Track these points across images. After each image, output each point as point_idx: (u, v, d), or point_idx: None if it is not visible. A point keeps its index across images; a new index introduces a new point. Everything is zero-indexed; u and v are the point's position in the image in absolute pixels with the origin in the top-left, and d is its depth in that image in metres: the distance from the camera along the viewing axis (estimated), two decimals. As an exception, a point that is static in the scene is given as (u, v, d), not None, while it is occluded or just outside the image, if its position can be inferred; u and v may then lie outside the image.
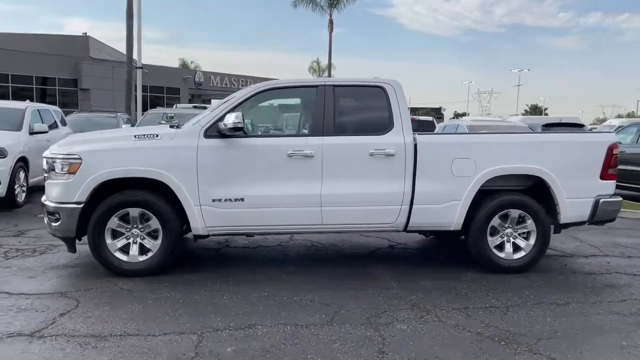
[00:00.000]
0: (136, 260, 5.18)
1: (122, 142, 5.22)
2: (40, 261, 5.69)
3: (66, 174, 5.07)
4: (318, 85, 5.48)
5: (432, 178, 5.39)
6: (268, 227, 5.39)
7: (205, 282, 5.02)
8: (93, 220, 5.08)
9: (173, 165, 5.12)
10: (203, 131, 5.22)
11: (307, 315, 4.20)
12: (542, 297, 4.83)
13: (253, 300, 4.56)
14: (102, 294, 4.64)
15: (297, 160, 5.24)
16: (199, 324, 3.97)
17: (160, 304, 4.41)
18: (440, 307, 4.48)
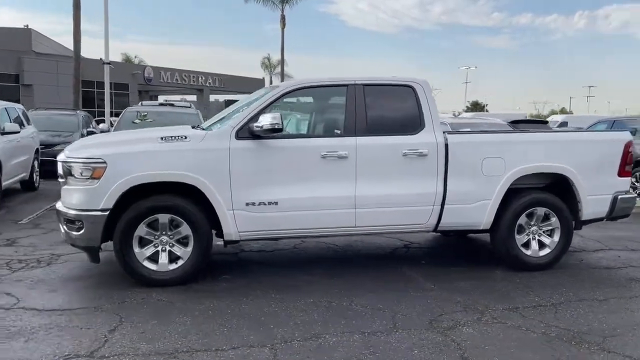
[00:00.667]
0: (166, 269, 4.91)
1: (149, 145, 4.93)
2: (52, 273, 5.31)
3: (89, 179, 4.74)
4: (348, 84, 5.35)
5: (463, 178, 5.38)
6: (302, 231, 5.23)
7: (242, 290, 4.81)
8: (120, 228, 4.78)
9: (205, 169, 4.88)
10: (234, 132, 5.00)
11: (366, 322, 4.09)
12: (579, 294, 4.91)
13: (303, 307, 4.40)
14: (142, 307, 4.36)
15: (330, 161, 5.11)
16: (263, 336, 3.79)
17: (210, 316, 4.18)
18: (491, 308, 4.47)
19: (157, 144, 4.92)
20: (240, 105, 6.17)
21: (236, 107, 6.32)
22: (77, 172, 4.81)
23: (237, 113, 5.88)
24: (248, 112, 5.09)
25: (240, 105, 6.17)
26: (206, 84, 45.70)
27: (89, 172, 4.74)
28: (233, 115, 5.83)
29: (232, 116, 5.85)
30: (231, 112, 6.12)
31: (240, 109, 5.99)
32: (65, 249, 6.03)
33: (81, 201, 4.78)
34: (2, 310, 4.22)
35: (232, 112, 6.08)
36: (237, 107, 6.32)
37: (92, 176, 4.73)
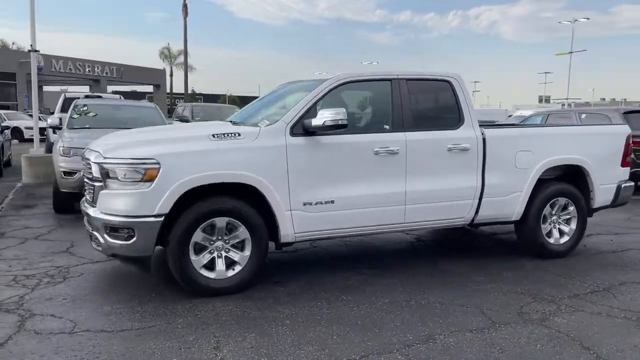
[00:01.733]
0: (224, 276, 4.56)
1: (202, 143, 4.52)
2: (79, 288, 4.73)
3: (140, 182, 4.27)
4: (392, 78, 5.27)
5: (499, 171, 5.51)
6: (356, 229, 5.09)
7: (306, 294, 4.60)
8: (177, 234, 4.36)
9: (264, 168, 4.59)
10: (289, 129, 4.74)
11: (463, 319, 4.07)
12: (616, 277, 5.23)
13: (387, 308, 4.29)
14: (220, 319, 4.01)
15: (382, 157, 5.01)
16: (379, 341, 3.64)
17: (302, 324, 3.94)
18: (557, 297, 4.63)
19: (210, 142, 4.53)
20: (268, 100, 5.89)
21: (261, 102, 6.04)
22: (121, 174, 4.31)
23: (269, 108, 5.63)
24: (300, 108, 4.84)
25: (268, 100, 5.89)
26: (103, 74, 42.97)
27: (139, 174, 4.27)
28: (265, 111, 5.57)
29: (263, 112, 5.58)
30: (259, 107, 5.84)
31: (271, 104, 5.74)
32: (66, 261, 5.52)
33: (131, 207, 4.29)
34: (68, 336, 3.69)
35: (261, 107, 5.81)
36: (262, 102, 6.03)
37: (143, 178, 4.26)
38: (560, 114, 14.03)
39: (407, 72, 5.38)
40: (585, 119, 11.08)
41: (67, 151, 7.96)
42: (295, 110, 4.83)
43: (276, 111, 5.33)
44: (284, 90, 5.91)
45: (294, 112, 4.82)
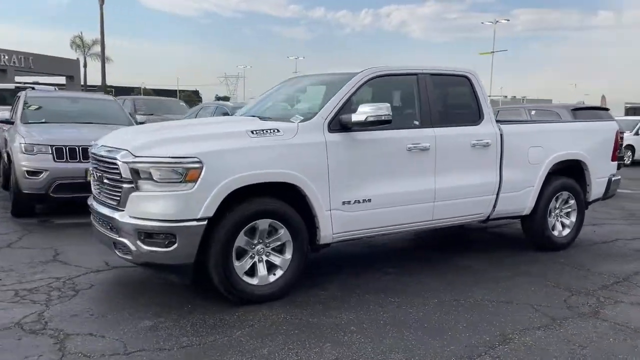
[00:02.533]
0: (267, 282, 4.28)
1: (243, 140, 4.19)
2: (100, 301, 4.28)
3: (180, 183, 3.89)
4: (417, 72, 5.18)
5: (514, 166, 5.59)
6: (389, 228, 4.95)
7: (350, 298, 4.41)
8: (220, 239, 4.02)
9: (305, 166, 4.34)
10: (326, 124, 4.52)
11: (521, 317, 4.04)
12: (629, 267, 5.45)
13: (439, 308, 4.19)
14: (284, 329, 3.74)
15: (415, 153, 4.92)
16: (457, 346, 3.52)
17: (372, 331, 3.75)
18: (590, 289, 4.73)
19: (250, 138, 4.22)
20: (282, 93, 5.61)
21: (274, 96, 5.74)
22: (157, 174, 3.91)
23: (289, 102, 5.38)
24: (336, 103, 4.62)
25: (282, 93, 5.61)
26: (10, 63, 39.72)
27: (179, 174, 3.89)
28: (286, 105, 5.31)
29: (284, 106, 5.32)
30: (273, 101, 5.56)
31: (289, 98, 5.48)
32: (64, 271, 5.04)
33: (172, 210, 3.90)
34: (126, 357, 3.28)
35: (277, 101, 5.53)
36: (274, 96, 5.74)
37: (185, 179, 3.89)
38: (510, 110, 14.56)
39: (428, 66, 5.30)
40: (534, 116, 11.56)
41: (30, 148, 7.23)
42: (331, 105, 4.61)
43: (303, 106, 5.09)
44: (298, 84, 5.67)
45: (330, 107, 4.59)
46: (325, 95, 4.90)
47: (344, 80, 4.86)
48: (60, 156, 7.20)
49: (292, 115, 4.70)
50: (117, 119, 8.83)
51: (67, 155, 7.22)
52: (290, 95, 5.57)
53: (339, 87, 4.79)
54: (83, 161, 7.21)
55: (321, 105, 4.69)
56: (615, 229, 7.31)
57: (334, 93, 4.72)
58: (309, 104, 5.10)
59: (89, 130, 7.65)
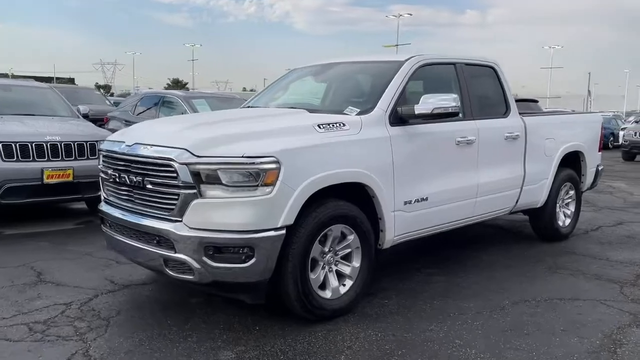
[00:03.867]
0: (338, 294, 3.81)
1: (313, 136, 3.67)
2: (146, 329, 3.56)
3: (256, 187, 3.31)
4: (455, 62, 4.93)
5: (534, 159, 5.55)
6: (440, 227, 4.66)
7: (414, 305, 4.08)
8: (299, 249, 3.50)
9: (374, 164, 3.93)
10: (387, 117, 4.13)
11: (606, 313, 3.95)
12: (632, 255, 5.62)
13: (519, 309, 3.99)
14: (376, 347, 3.32)
15: (462, 147, 4.68)
16: (580, 346, 3.35)
17: (484, 342, 3.46)
18: (631, 280, 4.80)
19: (319, 134, 3.71)
20: (309, 82, 5.11)
21: (299, 85, 5.22)
22: (227, 177, 3.30)
23: (326, 92, 4.92)
24: (392, 93, 4.23)
25: (309, 82, 5.11)
26: None
27: (255, 177, 3.31)
28: (324, 96, 4.84)
29: (320, 96, 4.85)
30: (303, 91, 5.06)
31: (325, 88, 5.01)
32: (68, 295, 4.25)
33: (250, 219, 3.31)
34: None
35: (308, 91, 5.04)
36: (301, 86, 5.23)
37: (262, 182, 3.31)
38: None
39: (460, 55, 5.07)
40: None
41: (-31, 146, 6.04)
42: (388, 97, 4.22)
43: (345, 97, 4.64)
44: (326, 73, 5.17)
45: (388, 99, 4.20)
46: (372, 86, 4.51)
47: (390, 69, 4.48)
48: (10, 155, 6.08)
49: (345, 107, 4.23)
50: (57, 109, 7.72)
51: (18, 154, 6.12)
52: (321, 85, 5.07)
53: (386, 76, 4.41)
54: (37, 160, 6.19)
55: (374, 96, 4.27)
56: (587, 217, 7.55)
57: (383, 83, 4.34)
58: (354, 95, 4.65)
59: (42, 124, 6.58)
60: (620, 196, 9.67)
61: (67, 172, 6.33)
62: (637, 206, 8.70)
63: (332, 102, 4.65)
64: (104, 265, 4.94)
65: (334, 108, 4.36)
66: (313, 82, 5.23)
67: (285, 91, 5.18)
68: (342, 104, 4.35)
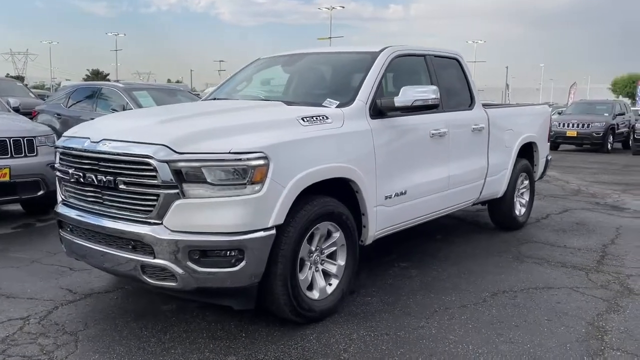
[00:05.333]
0: (326, 294, 3.67)
1: (298, 130, 3.48)
2: (126, 345, 3.26)
3: (244, 185, 3.10)
4: (425, 54, 4.89)
5: (495, 150, 5.63)
6: (415, 220, 4.60)
7: (409, 302, 4.02)
8: (288, 250, 3.32)
9: (357, 158, 3.81)
10: (368, 110, 4.01)
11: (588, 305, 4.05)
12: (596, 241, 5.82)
13: (504, 301, 4.01)
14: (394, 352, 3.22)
15: (435, 140, 4.65)
16: (573, 343, 3.39)
17: (475, 337, 3.42)
18: (592, 267, 4.96)
19: (303, 127, 3.54)
20: (282, 74, 4.91)
21: (260, 76, 4.99)
22: (213, 175, 3.07)
23: (297, 84, 4.74)
24: (371, 85, 4.12)
25: (282, 74, 4.91)
26: None
27: (242, 174, 3.09)
28: (296, 88, 4.66)
29: (292, 88, 4.67)
30: (275, 83, 4.84)
31: (295, 80, 4.82)
32: (29, 307, 3.88)
33: (240, 220, 3.09)
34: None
35: (276, 83, 4.83)
36: (262, 76, 4.99)
37: (250, 180, 3.10)
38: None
39: (427, 48, 5.03)
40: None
41: None
42: (367, 89, 4.10)
43: (321, 88, 4.47)
44: (296, 63, 4.97)
45: (367, 91, 4.08)
46: (349, 77, 4.38)
47: (364, 60, 4.37)
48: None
49: (322, 99, 4.06)
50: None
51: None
52: (292, 77, 4.86)
53: (362, 68, 4.30)
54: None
55: (352, 88, 4.15)
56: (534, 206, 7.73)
57: (360, 75, 4.22)
58: (330, 86, 4.49)
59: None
60: (558, 185, 10.09)
61: (3, 172, 5.78)
62: (576, 194, 9.10)
63: (308, 94, 4.48)
64: (57, 273, 4.53)
65: (311, 100, 4.18)
66: (283, 73, 5.02)
67: (253, 83, 4.95)
68: (319, 96, 4.18)
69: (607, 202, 8.30)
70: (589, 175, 11.68)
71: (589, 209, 7.65)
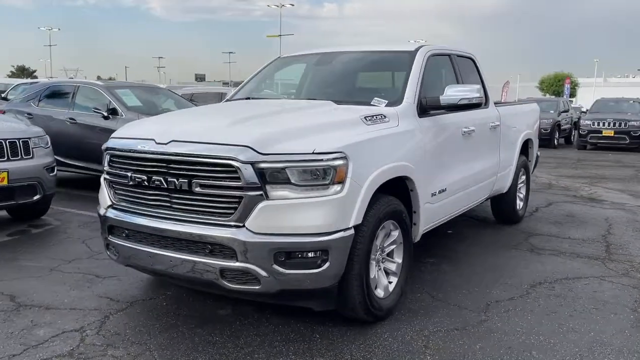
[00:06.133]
0: (388, 292, 3.70)
1: (363, 129, 3.49)
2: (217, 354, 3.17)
3: (327, 186, 3.09)
4: (450, 53, 5.00)
5: (505, 147, 5.84)
6: (447, 217, 4.70)
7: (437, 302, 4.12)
8: (363, 249, 3.32)
9: (413, 156, 3.87)
10: (416, 109, 4.08)
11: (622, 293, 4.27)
12: (593, 232, 6.17)
13: (546, 290, 4.18)
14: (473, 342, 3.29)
15: (465, 138, 4.79)
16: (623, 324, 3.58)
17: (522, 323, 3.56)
18: (604, 257, 5.24)
19: (367, 126, 3.55)
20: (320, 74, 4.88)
21: (293, 75, 4.93)
22: (297, 176, 3.04)
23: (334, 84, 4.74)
24: (415, 84, 4.19)
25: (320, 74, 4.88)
26: None
27: (325, 175, 3.08)
28: (335, 87, 4.67)
29: (330, 88, 4.67)
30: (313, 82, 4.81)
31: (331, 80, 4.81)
32: (75, 318, 3.60)
33: (325, 220, 3.07)
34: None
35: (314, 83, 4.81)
36: (294, 75, 4.94)
37: (333, 180, 3.09)
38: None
39: (447, 47, 5.15)
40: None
41: None
42: (412, 88, 4.16)
43: (370, 87, 4.52)
44: (329, 63, 4.93)
45: (413, 90, 4.15)
46: (387, 76, 4.45)
47: (403, 59, 4.43)
48: None
49: (369, 99, 4.08)
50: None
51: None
52: (327, 75, 4.84)
53: (402, 67, 4.37)
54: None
55: (398, 87, 4.24)
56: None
57: (403, 74, 4.29)
58: (374, 85, 4.52)
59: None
60: (529, 179, 10.52)
61: (2, 176, 5.44)
62: (550, 187, 9.55)
63: (353, 94, 4.48)
64: (85, 280, 4.33)
65: (357, 99, 4.19)
66: (316, 71, 4.98)
67: (286, 82, 4.91)
68: (365, 95, 4.21)
69: (583, 195, 8.76)
70: (551, 170, 12.26)
71: (571, 202, 8.05)
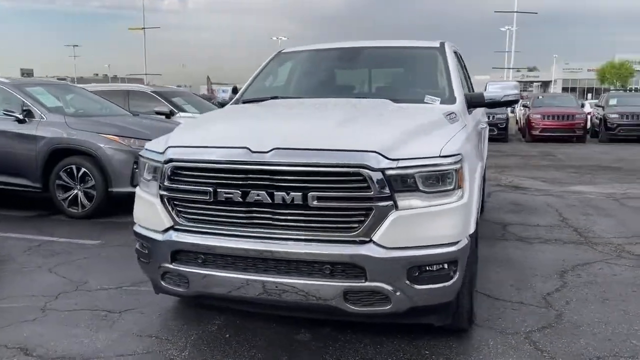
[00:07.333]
0: (470, 297, 3.58)
1: (454, 128, 3.33)
2: None
3: (451, 191, 2.88)
4: (456, 50, 5.00)
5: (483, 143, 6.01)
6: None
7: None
8: (472, 257, 3.17)
9: (477, 153, 3.84)
10: (465, 105, 4.03)
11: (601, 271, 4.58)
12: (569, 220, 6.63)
13: (573, 277, 4.35)
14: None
15: (478, 134, 4.83)
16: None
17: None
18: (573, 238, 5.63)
19: (451, 125, 3.41)
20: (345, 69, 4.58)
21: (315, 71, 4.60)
22: (425, 182, 2.80)
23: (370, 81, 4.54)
24: (458, 80, 4.12)
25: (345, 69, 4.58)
26: None
27: (451, 178, 2.88)
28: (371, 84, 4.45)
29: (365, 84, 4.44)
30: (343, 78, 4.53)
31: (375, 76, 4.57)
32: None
33: (453, 229, 2.86)
34: None
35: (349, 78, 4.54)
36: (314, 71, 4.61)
37: (456, 184, 2.90)
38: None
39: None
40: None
41: None
42: (457, 84, 4.10)
43: (415, 84, 4.32)
44: (357, 58, 4.63)
45: (458, 87, 4.09)
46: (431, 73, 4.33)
47: (433, 55, 4.35)
48: None
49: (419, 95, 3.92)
50: None
51: None
52: (359, 71, 4.55)
53: (436, 63, 4.29)
54: None
55: (442, 83, 4.13)
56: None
57: (441, 69, 4.22)
58: (417, 82, 4.33)
59: None
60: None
61: None
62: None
63: (403, 91, 4.24)
64: (100, 318, 3.61)
65: (407, 97, 3.98)
66: (344, 69, 4.65)
67: (313, 78, 4.49)
68: (415, 92, 4.04)
69: (507, 183, 9.36)
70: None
71: (503, 190, 8.57)
